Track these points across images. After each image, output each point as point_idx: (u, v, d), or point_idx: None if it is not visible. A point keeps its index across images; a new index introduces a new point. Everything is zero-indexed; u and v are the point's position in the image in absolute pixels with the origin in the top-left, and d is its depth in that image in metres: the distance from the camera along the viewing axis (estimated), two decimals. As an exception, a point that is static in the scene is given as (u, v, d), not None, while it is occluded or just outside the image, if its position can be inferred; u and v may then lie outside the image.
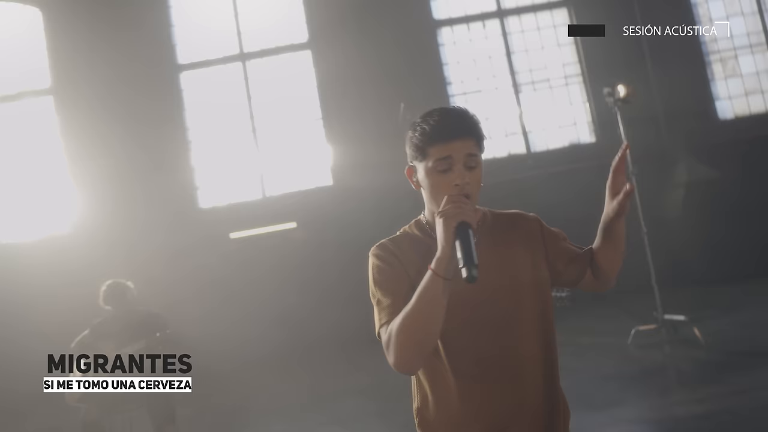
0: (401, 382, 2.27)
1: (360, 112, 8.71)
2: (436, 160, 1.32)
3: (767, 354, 4.20)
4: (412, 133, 1.39)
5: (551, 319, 1.38)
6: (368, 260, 1.44)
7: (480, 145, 1.37)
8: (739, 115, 9.08)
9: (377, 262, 1.38)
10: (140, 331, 3.55)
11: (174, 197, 8.58)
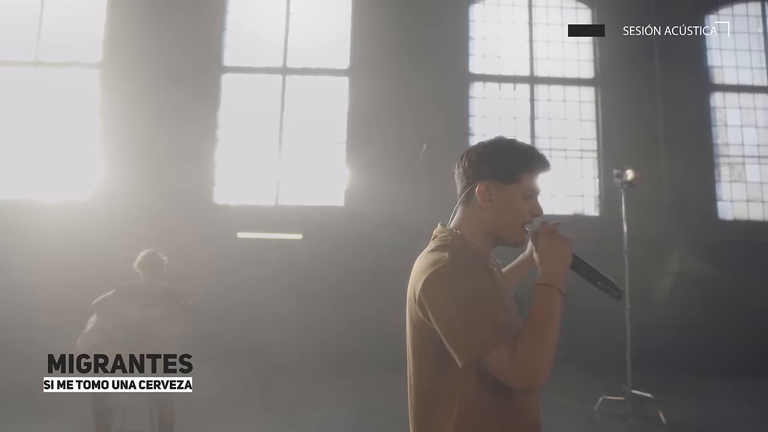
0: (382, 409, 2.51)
1: (383, 144, 9.14)
2: (527, 188, 1.45)
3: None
4: (500, 154, 1.45)
5: None
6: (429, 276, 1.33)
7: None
8: (738, 219, 9.51)
9: (462, 271, 1.30)
10: (163, 300, 3.86)
11: (192, 188, 8.92)
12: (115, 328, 3.63)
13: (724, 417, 5.24)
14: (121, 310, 3.68)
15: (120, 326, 3.65)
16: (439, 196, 9.61)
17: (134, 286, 3.99)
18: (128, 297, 3.83)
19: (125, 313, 3.69)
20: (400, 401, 5.24)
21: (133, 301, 3.80)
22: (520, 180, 1.43)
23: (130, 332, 3.60)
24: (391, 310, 8.45)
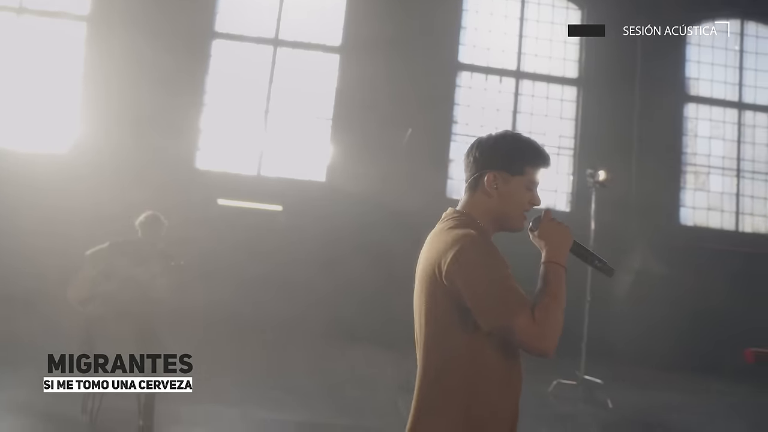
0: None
1: (368, 124, 9.29)
2: (530, 181, 1.56)
3: (665, 428, 4.86)
4: (509, 148, 1.57)
5: None
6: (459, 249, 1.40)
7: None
8: (698, 225, 10.03)
9: (491, 247, 1.44)
10: (158, 260, 3.94)
11: (175, 151, 8.95)
12: (105, 282, 3.76)
13: (664, 405, 5.69)
14: (113, 264, 3.80)
15: (110, 280, 3.78)
16: (419, 179, 9.96)
17: (130, 242, 4.06)
18: (122, 252, 3.91)
19: (117, 267, 3.81)
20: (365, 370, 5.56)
21: (126, 257, 3.88)
22: (524, 173, 1.55)
23: (120, 288, 3.73)
24: (365, 285, 8.79)
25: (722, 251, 9.53)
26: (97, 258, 3.87)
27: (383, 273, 8.67)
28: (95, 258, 3.86)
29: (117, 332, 3.76)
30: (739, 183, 10.15)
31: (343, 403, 4.80)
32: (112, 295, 3.75)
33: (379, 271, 8.68)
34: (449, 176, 9.88)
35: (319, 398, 4.90)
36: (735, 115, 10.31)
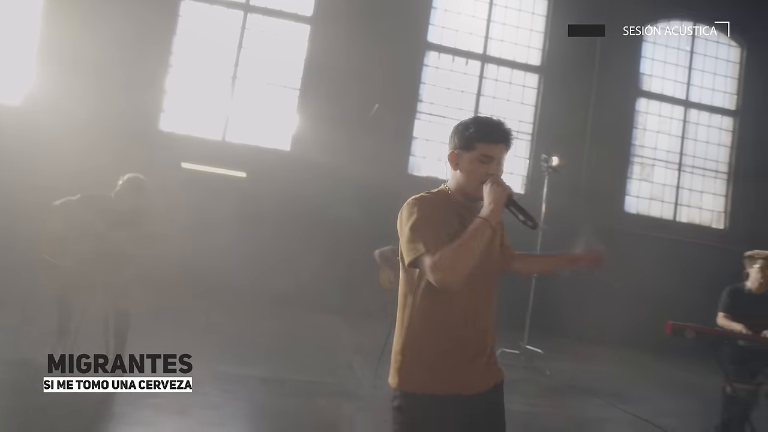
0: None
1: (335, 97, 9.41)
2: (482, 155, 1.75)
3: (592, 393, 5.36)
4: (464, 129, 1.79)
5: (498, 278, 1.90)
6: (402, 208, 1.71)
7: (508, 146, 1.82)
8: (640, 213, 10.71)
9: (421, 206, 1.67)
10: (133, 223, 3.88)
11: (139, 111, 8.85)
12: (76, 241, 3.78)
13: (595, 374, 6.25)
14: (85, 221, 3.81)
15: (82, 240, 3.80)
16: (383, 154, 10.15)
17: (105, 199, 4.01)
18: (95, 209, 3.87)
19: (88, 226, 3.82)
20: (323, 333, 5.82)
21: (100, 216, 3.85)
22: (476, 148, 1.76)
23: (93, 250, 3.77)
24: (325, 254, 8.99)
25: (660, 239, 10.25)
26: (66, 209, 3.84)
27: (343, 243, 8.94)
28: (64, 209, 3.83)
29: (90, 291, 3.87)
30: (679, 176, 10.86)
31: (303, 362, 5.07)
32: (85, 257, 3.77)
33: (339, 241, 8.94)
34: (412, 153, 10.14)
35: (280, 357, 5.15)
36: (681, 112, 10.96)
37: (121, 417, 3.19)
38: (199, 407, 3.38)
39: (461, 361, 1.69)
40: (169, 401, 3.39)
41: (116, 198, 3.99)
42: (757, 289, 4.07)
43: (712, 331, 3.81)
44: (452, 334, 1.69)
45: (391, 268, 4.78)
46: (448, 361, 1.68)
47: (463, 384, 1.67)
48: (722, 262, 8.13)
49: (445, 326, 1.69)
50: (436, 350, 1.68)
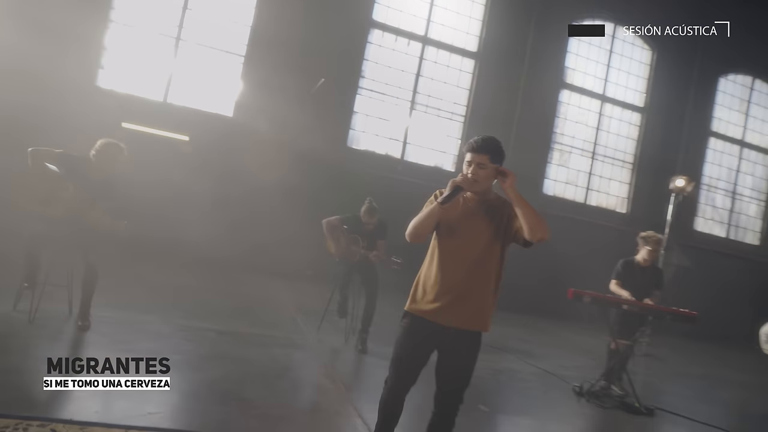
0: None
1: (280, 67, 9.59)
2: (466, 161, 2.42)
3: (506, 350, 6.15)
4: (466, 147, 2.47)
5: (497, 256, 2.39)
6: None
7: (493, 158, 2.37)
8: (557, 196, 11.78)
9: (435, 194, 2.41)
10: (106, 193, 3.98)
11: (75, 65, 8.63)
12: (50, 195, 3.89)
13: (506, 335, 7.07)
14: (60, 177, 3.91)
15: (57, 204, 3.87)
16: (324, 126, 10.49)
17: (84, 161, 4.03)
18: (72, 168, 3.91)
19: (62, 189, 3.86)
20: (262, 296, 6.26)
21: (76, 177, 3.91)
22: (465, 155, 2.44)
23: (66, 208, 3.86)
24: (265, 221, 9.30)
25: (573, 219, 11.37)
26: (41, 156, 3.85)
27: (282, 209, 9.29)
28: (40, 156, 3.84)
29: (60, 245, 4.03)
30: (592, 164, 12.01)
31: (253, 319, 5.48)
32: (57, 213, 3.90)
33: (278, 207, 9.27)
34: (352, 126, 10.56)
35: (231, 314, 5.53)
36: (598, 106, 12.05)
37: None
38: (168, 353, 3.75)
39: (432, 300, 2.36)
40: (139, 346, 3.74)
41: (95, 162, 4.07)
42: (644, 263, 4.95)
43: (603, 297, 4.62)
44: (428, 283, 2.39)
45: (335, 236, 5.24)
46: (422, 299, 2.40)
47: (424, 312, 2.37)
48: (622, 241, 9.26)
49: (426, 278, 2.41)
50: (419, 291, 2.43)
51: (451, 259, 2.37)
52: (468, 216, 2.42)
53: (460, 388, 2.39)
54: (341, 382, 3.95)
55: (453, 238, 2.38)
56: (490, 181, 2.42)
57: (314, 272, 9.32)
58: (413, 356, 2.38)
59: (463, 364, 2.38)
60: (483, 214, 2.41)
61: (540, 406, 4.39)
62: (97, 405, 2.69)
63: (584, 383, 4.77)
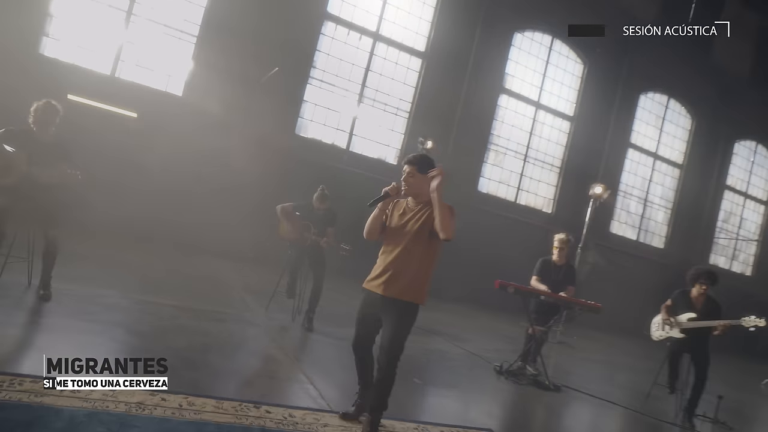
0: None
1: (233, 52, 9.70)
2: (402, 171, 3.06)
3: (436, 333, 6.75)
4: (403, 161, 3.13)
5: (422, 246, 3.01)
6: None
7: (419, 169, 3.02)
8: (490, 194, 12.58)
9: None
10: (51, 157, 4.10)
11: (18, 31, 8.41)
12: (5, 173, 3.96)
13: (438, 321, 7.70)
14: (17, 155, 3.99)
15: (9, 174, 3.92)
16: (274, 112, 10.72)
17: (27, 132, 4.13)
18: (18, 143, 3.98)
19: (16, 159, 3.93)
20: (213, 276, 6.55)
21: (20, 149, 3.97)
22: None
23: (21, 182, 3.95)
24: (210, 202, 9.43)
25: (503, 216, 12.22)
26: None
27: (229, 193, 9.49)
28: None
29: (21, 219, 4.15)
30: (524, 166, 12.90)
31: (205, 296, 5.76)
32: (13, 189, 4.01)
33: (224, 190, 9.46)
34: (301, 115, 10.83)
35: (184, 291, 5.78)
36: (532, 112, 12.93)
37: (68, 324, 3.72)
38: (131, 324, 4.03)
39: (375, 277, 3.04)
40: (102, 317, 3.99)
41: (36, 127, 4.19)
42: (557, 261, 5.67)
43: (525, 288, 5.29)
44: (377, 265, 3.08)
45: (289, 221, 5.61)
46: (371, 277, 3.10)
47: (371, 286, 3.08)
48: (545, 240, 10.11)
49: (378, 262, 3.09)
50: (371, 272, 3.13)
51: (387, 247, 3.09)
52: (404, 215, 3.09)
53: (394, 342, 2.97)
54: (293, 355, 4.38)
55: (390, 231, 3.10)
56: (421, 187, 3.04)
57: (255, 254, 9.60)
58: (364, 317, 3.12)
59: (396, 324, 2.99)
60: (414, 213, 3.06)
61: (465, 381, 5.00)
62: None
63: (504, 363, 5.44)
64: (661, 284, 14.11)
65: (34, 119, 4.22)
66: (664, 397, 5.71)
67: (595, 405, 5.12)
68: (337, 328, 5.60)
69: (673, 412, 5.34)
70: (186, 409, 2.73)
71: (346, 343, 5.33)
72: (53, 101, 4.33)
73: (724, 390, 5.77)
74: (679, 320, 5.37)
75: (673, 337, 5.41)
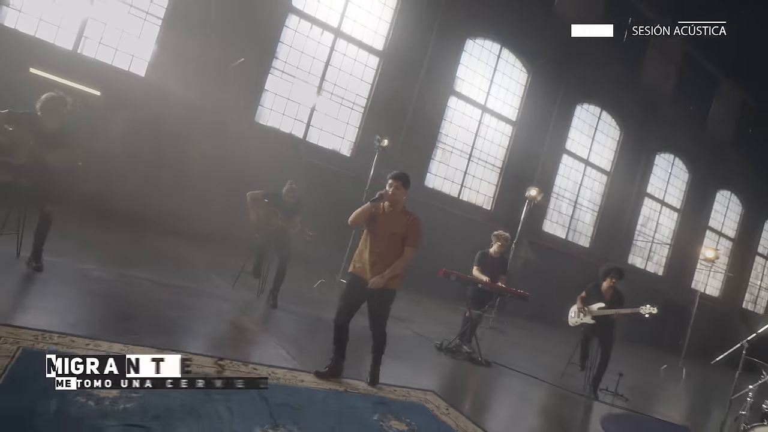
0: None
1: (197, 37, 9.93)
2: (388, 183, 3.94)
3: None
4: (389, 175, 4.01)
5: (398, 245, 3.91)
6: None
7: (403, 184, 3.94)
8: (435, 189, 13.41)
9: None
10: (59, 141, 4.50)
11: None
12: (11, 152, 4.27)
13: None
14: (16, 134, 4.30)
15: (17, 153, 4.30)
16: (237, 101, 11.09)
17: (32, 116, 4.46)
18: (23, 126, 4.32)
19: (21, 140, 4.30)
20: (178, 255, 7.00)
21: (28, 133, 4.33)
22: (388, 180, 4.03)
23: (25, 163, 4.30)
24: (173, 183, 9.69)
25: (446, 211, 13.08)
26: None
27: (189, 175, 9.80)
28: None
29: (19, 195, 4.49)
30: (468, 164, 13.81)
31: (175, 273, 6.19)
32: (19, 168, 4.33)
33: (185, 172, 9.76)
34: (261, 103, 11.21)
35: (156, 267, 6.19)
36: (478, 114, 13.83)
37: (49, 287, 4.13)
38: (120, 294, 4.49)
39: (363, 265, 3.79)
40: (93, 287, 4.42)
41: (43, 117, 4.55)
42: (494, 254, 6.51)
43: (465, 277, 6.09)
44: (362, 255, 3.86)
45: (257, 207, 6.13)
46: (357, 261, 3.79)
47: (357, 271, 3.83)
48: (485, 235, 11.04)
49: (360, 252, 3.88)
50: (356, 259, 3.86)
51: (372, 243, 3.92)
52: (384, 218, 3.95)
53: (380, 316, 3.92)
54: (264, 327, 4.96)
55: (374, 230, 3.95)
56: (400, 198, 3.95)
57: (215, 235, 9.96)
58: (348, 295, 3.95)
59: (379, 303, 3.90)
60: (392, 218, 3.95)
61: (411, 355, 5.74)
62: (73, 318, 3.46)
63: (443, 341, 6.23)
64: (585, 280, 15.41)
65: (40, 106, 4.56)
66: (576, 374, 6.71)
67: (519, 378, 6.00)
68: (298, 306, 6.21)
69: (581, 386, 6.33)
70: (187, 366, 3.28)
71: (308, 319, 6.00)
72: (62, 93, 4.67)
73: (629, 373, 6.82)
74: (591, 309, 6.35)
75: (586, 323, 6.38)
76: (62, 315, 3.54)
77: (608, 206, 16.59)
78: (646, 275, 17.72)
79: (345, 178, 11.35)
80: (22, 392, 2.40)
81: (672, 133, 17.51)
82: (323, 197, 9.47)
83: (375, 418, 3.35)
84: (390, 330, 6.54)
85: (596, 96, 15.82)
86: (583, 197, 16.24)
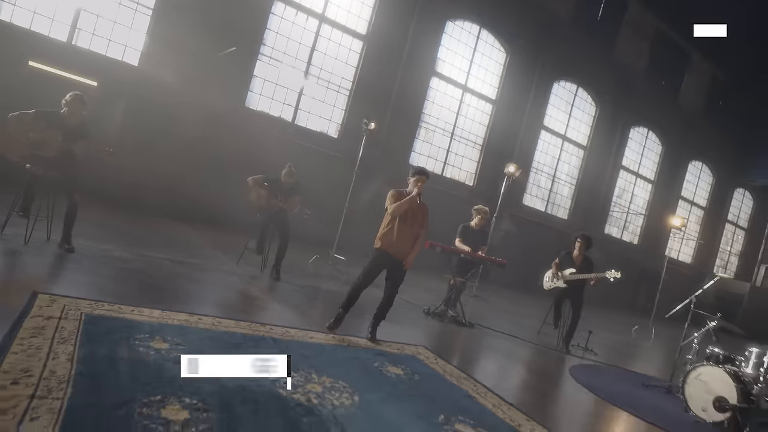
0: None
1: (188, 26, 10.32)
2: (412, 180, 4.81)
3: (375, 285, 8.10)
4: (412, 171, 4.93)
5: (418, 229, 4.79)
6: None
7: (427, 177, 4.88)
8: (419, 166, 13.96)
9: (393, 193, 4.79)
10: (83, 133, 5.07)
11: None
12: (42, 148, 4.81)
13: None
14: (45, 133, 4.80)
15: (46, 148, 4.84)
16: (228, 87, 11.54)
17: (58, 116, 4.99)
18: (50, 124, 4.85)
19: (51, 137, 4.84)
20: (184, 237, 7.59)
21: (56, 130, 4.88)
22: (412, 177, 4.86)
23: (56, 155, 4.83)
24: (168, 169, 10.17)
25: (430, 188, 13.63)
26: (23, 120, 4.75)
27: (183, 160, 10.27)
28: (21, 120, 4.72)
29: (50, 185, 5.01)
30: (450, 143, 14.41)
31: (185, 252, 6.76)
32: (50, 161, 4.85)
33: (178, 157, 10.22)
34: (250, 89, 11.64)
35: (168, 247, 6.73)
36: (459, 94, 14.38)
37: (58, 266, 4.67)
38: (143, 270, 5.05)
39: (391, 243, 4.46)
40: (120, 267, 4.97)
41: (67, 114, 5.10)
42: (475, 226, 7.17)
43: (449, 249, 6.74)
44: (389, 235, 4.56)
45: (257, 190, 6.69)
46: (387, 240, 4.43)
47: (386, 247, 4.55)
48: (467, 210, 11.70)
49: (387, 233, 4.57)
50: (383, 238, 4.54)
51: (400, 226, 4.65)
52: (411, 208, 4.71)
53: (396, 284, 4.74)
54: (271, 296, 5.57)
55: (405, 216, 4.66)
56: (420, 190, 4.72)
57: (211, 216, 10.48)
58: (372, 270, 4.76)
59: (397, 273, 4.70)
60: (418, 207, 4.77)
61: (403, 320, 6.39)
62: (111, 290, 4.03)
63: (431, 306, 6.91)
64: (563, 249, 16.40)
65: (66, 104, 5.12)
66: (551, 333, 7.45)
67: (500, 337, 6.71)
68: (300, 279, 6.82)
69: (555, 343, 7.07)
70: (217, 325, 3.89)
71: (308, 290, 6.62)
72: (82, 95, 5.20)
73: (603, 333, 7.59)
74: (563, 274, 7.06)
75: (559, 287, 7.10)
76: (102, 288, 4.10)
77: (585, 179, 17.35)
78: (622, 244, 18.62)
79: (333, 158, 11.90)
80: (101, 343, 2.99)
81: (645, 107, 18.24)
82: (313, 178, 10.00)
83: (375, 365, 4.00)
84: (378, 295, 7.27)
85: (572, 73, 16.43)
86: (561, 171, 16.97)
